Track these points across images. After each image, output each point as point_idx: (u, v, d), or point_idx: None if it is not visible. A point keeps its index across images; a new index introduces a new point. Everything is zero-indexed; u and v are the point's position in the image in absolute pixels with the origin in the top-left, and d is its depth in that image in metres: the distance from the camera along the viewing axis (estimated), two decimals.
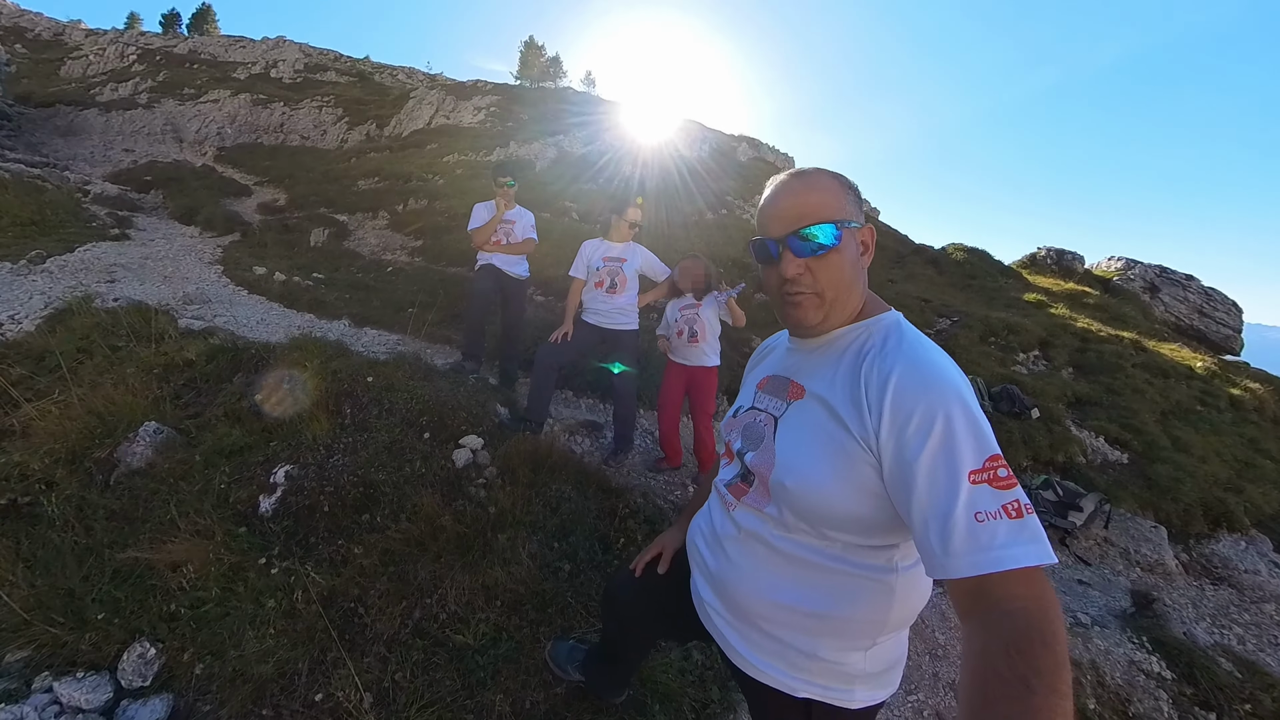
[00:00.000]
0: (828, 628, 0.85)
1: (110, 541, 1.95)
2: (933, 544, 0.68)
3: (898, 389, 0.75)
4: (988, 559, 0.65)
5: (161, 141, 15.54)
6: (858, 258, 0.88)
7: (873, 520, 0.79)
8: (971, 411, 0.72)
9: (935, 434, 0.70)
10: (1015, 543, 0.65)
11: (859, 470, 0.78)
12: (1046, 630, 0.61)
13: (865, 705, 0.88)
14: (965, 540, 0.66)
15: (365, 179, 11.70)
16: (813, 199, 0.85)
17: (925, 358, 0.77)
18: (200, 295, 5.25)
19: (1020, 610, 0.63)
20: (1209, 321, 13.68)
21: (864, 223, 0.89)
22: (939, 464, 0.69)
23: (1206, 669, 2.79)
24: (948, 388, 0.73)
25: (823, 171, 0.89)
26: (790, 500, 0.84)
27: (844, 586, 0.83)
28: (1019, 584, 0.64)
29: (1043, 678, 0.58)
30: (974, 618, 0.67)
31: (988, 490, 0.67)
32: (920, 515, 0.70)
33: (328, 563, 1.94)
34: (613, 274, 3.04)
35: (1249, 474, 6.37)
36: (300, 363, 2.82)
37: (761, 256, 0.91)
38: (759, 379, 1.03)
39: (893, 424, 0.73)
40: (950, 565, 0.67)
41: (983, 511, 0.66)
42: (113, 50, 22.50)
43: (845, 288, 0.86)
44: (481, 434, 2.71)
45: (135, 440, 2.38)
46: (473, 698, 1.61)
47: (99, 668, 1.59)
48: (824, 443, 0.82)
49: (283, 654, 1.63)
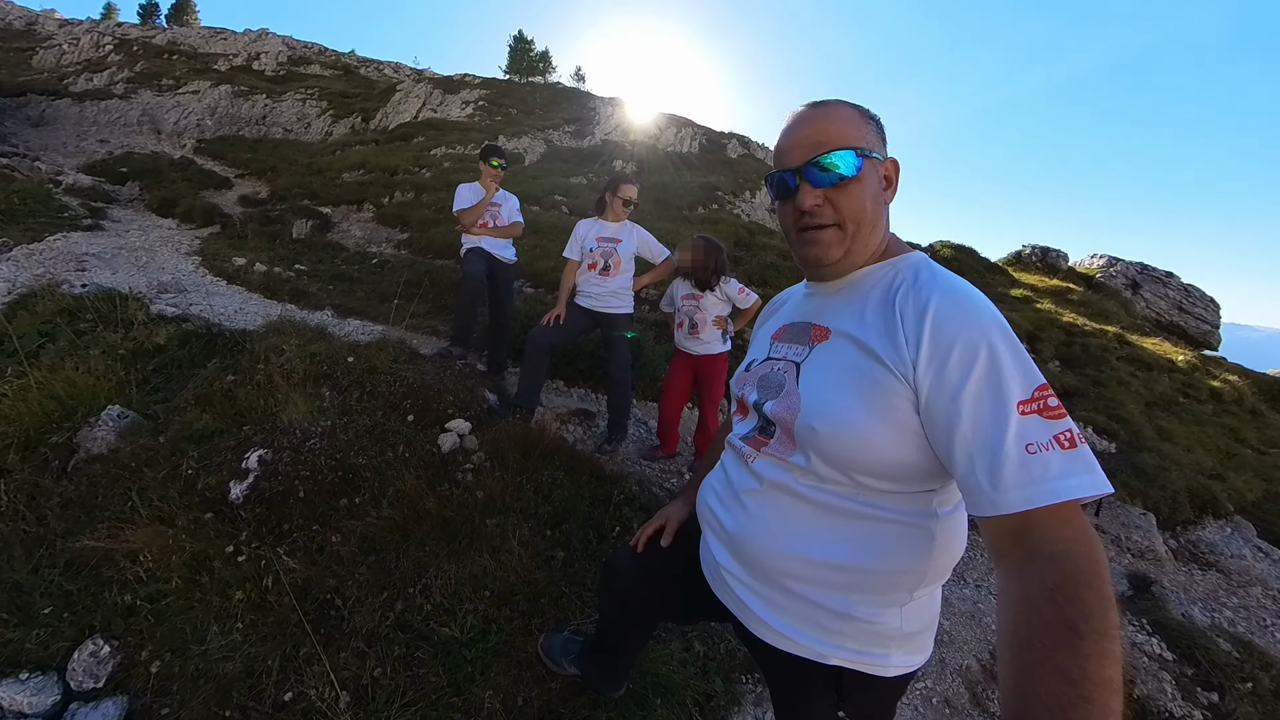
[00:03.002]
0: (863, 582, 0.78)
1: (64, 531, 1.80)
2: (980, 479, 0.63)
3: (937, 319, 0.70)
4: (1042, 491, 0.60)
5: (138, 133, 15.10)
6: (880, 191, 0.81)
7: (911, 462, 0.73)
8: (1014, 341, 0.68)
9: (980, 364, 0.65)
10: (1070, 473, 0.61)
11: (896, 405, 0.71)
12: (1090, 572, 0.58)
13: (900, 673, 0.81)
14: (1017, 473, 0.61)
15: (350, 172, 11.47)
16: (832, 128, 0.79)
17: (963, 289, 0.73)
18: (175, 284, 5.05)
19: (1063, 553, 0.59)
20: (1188, 317, 13.96)
21: (886, 155, 0.82)
22: (985, 395, 0.64)
23: (1206, 649, 2.78)
24: (988, 318, 0.69)
25: (842, 101, 0.83)
26: (820, 445, 0.76)
27: (880, 535, 0.76)
28: (1062, 524, 0.60)
29: (1090, 621, 0.55)
30: (1011, 560, 0.62)
31: (1038, 420, 0.63)
32: (965, 449, 0.65)
33: (302, 551, 1.81)
34: (606, 255, 2.93)
35: (1231, 462, 6.49)
36: (278, 346, 2.67)
37: (778, 191, 0.84)
38: (774, 330, 0.95)
39: (932, 355, 0.68)
40: (1001, 500, 0.62)
41: (1034, 443, 0.62)
42: (88, 40, 21.83)
43: (868, 221, 0.80)
44: (469, 419, 2.59)
45: (97, 425, 2.22)
46: (460, 694, 1.50)
47: (46, 668, 1.45)
48: (856, 380, 0.75)
49: (251, 650, 1.50)
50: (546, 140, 13.71)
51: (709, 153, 15.01)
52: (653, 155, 12.98)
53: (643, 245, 3.01)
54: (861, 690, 0.82)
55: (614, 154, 12.83)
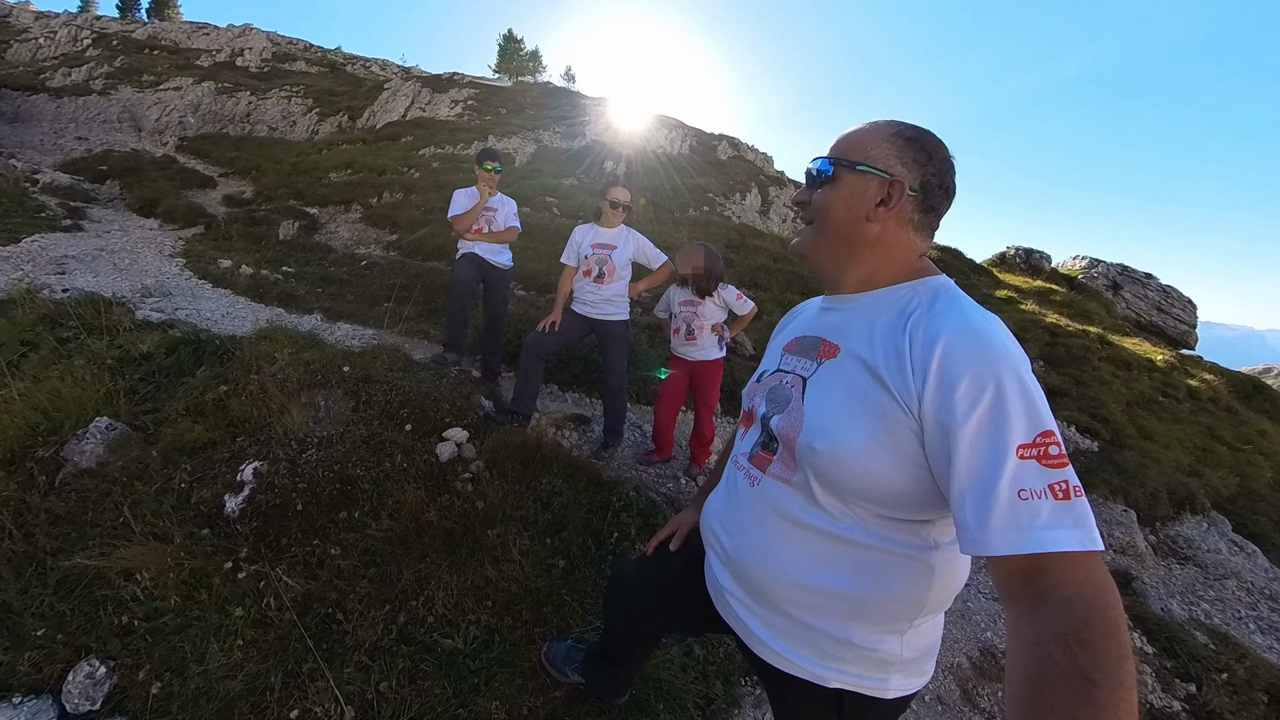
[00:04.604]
0: (862, 611, 0.78)
1: (54, 549, 1.76)
2: (969, 518, 0.63)
3: (947, 350, 0.68)
4: (1026, 539, 0.60)
5: (119, 130, 14.72)
6: (863, 204, 0.79)
7: (910, 492, 0.72)
8: (1027, 383, 0.65)
9: (985, 401, 0.64)
10: (1058, 525, 0.60)
11: (897, 434, 0.71)
12: (1107, 617, 0.56)
13: (900, 695, 0.82)
14: (1004, 517, 0.61)
15: (337, 171, 11.30)
16: (852, 138, 0.84)
17: (980, 322, 0.71)
18: (160, 288, 4.94)
19: (1078, 597, 0.57)
20: (1166, 317, 14.33)
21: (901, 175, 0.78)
22: (985, 433, 0.64)
23: (1184, 642, 2.88)
24: (1002, 354, 0.67)
25: (888, 120, 0.84)
26: (819, 467, 0.76)
27: (879, 565, 0.76)
28: (1077, 567, 0.59)
29: (1106, 671, 0.53)
30: (1021, 602, 0.61)
31: (1035, 467, 0.62)
32: (959, 486, 0.64)
33: (302, 565, 1.79)
34: (600, 262, 2.91)
35: (1207, 459, 6.68)
36: (269, 354, 2.64)
37: None
38: (786, 341, 0.95)
39: (938, 387, 0.67)
40: (985, 542, 0.62)
41: (1027, 489, 0.61)
42: (65, 33, 21.22)
43: (834, 229, 0.83)
44: (466, 427, 2.58)
45: (84, 437, 2.17)
46: (465, 706, 1.50)
47: (40, 691, 1.42)
48: (860, 403, 0.74)
49: (252, 668, 1.49)
50: (537, 140, 13.64)
51: (699, 154, 15.05)
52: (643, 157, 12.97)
53: (639, 251, 3.00)
54: (862, 710, 0.82)
55: (604, 155, 12.81)
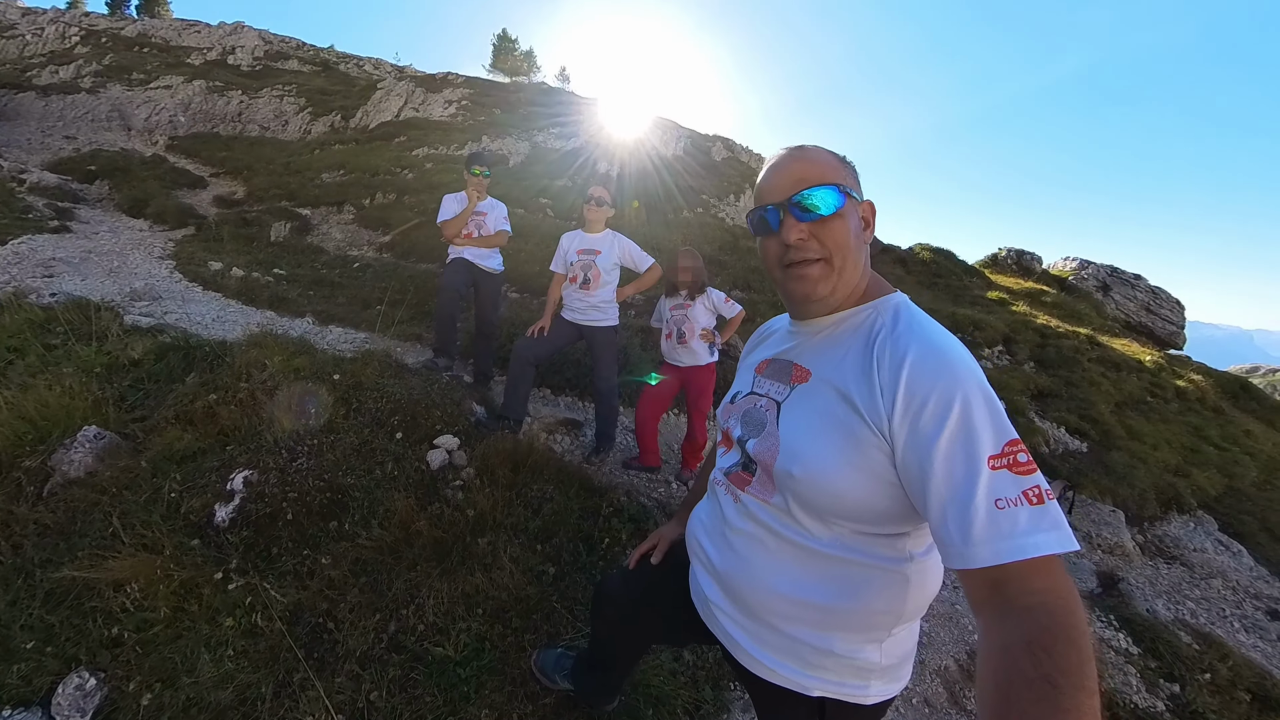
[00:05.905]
0: (842, 621, 0.81)
1: (42, 560, 1.75)
2: (951, 533, 0.65)
3: (912, 371, 0.71)
4: (1010, 547, 0.62)
5: (107, 129, 14.55)
6: (860, 230, 0.84)
7: (884, 509, 0.76)
8: (989, 395, 0.69)
9: (953, 418, 0.67)
10: (1037, 530, 0.62)
11: (869, 456, 0.74)
12: (1070, 625, 0.58)
13: (879, 700, 0.85)
14: (986, 528, 0.63)
15: (330, 172, 11.23)
16: (813, 168, 0.82)
17: (940, 340, 0.74)
18: (149, 291, 4.90)
19: (1040, 605, 0.60)
20: (1155, 318, 14.50)
21: (863, 198, 0.85)
22: (957, 449, 0.66)
23: (1169, 643, 2.93)
24: (964, 371, 0.70)
25: (819, 146, 0.86)
26: (797, 490, 0.80)
27: (858, 578, 0.80)
28: (1039, 575, 0.62)
29: (1069, 676, 0.55)
30: (990, 610, 0.64)
31: (1008, 476, 0.65)
32: (938, 503, 0.66)
33: (292, 575, 1.80)
34: (585, 268, 2.90)
35: (1194, 459, 6.77)
36: (260, 360, 2.63)
37: (760, 228, 0.86)
38: (757, 362, 0.97)
39: (907, 407, 0.70)
40: (970, 555, 0.64)
41: (1003, 498, 0.63)
42: (52, 30, 20.94)
43: (851, 257, 0.82)
44: (457, 433, 2.59)
45: (73, 447, 2.17)
46: (456, 714, 1.51)
47: (29, 704, 1.42)
48: (832, 427, 0.77)
49: (243, 678, 1.49)
50: (531, 141, 13.61)
51: (693, 156, 15.07)
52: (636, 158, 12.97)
53: (624, 255, 2.97)
54: (844, 717, 0.85)
55: (597, 156, 12.81)
